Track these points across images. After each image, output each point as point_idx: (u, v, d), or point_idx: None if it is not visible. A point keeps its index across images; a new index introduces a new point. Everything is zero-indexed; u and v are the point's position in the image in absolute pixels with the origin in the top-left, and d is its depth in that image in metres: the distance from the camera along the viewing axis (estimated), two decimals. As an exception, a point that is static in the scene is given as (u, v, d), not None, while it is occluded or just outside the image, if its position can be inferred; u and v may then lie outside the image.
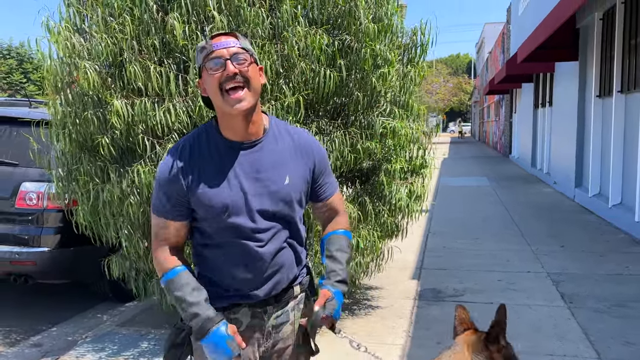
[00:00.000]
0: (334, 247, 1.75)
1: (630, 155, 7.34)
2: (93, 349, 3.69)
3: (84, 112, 3.25)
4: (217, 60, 1.51)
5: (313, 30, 3.32)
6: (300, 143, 1.69)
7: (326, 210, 1.81)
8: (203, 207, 1.58)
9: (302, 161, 1.68)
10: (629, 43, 7.43)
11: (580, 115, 9.78)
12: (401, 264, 5.53)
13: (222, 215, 1.58)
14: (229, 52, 1.51)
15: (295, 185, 1.65)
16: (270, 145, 1.63)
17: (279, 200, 1.62)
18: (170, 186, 1.58)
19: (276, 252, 1.65)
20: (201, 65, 1.56)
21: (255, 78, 1.56)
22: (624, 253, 5.91)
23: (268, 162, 1.61)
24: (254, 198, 1.59)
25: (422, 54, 4.16)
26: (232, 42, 1.53)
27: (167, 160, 1.60)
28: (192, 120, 3.24)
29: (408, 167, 4.10)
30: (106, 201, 3.42)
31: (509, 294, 4.61)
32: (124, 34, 3.12)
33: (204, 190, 1.57)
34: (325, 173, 1.76)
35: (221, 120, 1.59)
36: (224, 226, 1.59)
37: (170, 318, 4.19)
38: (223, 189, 1.57)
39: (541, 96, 14.33)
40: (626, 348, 3.46)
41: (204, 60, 1.54)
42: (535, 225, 7.60)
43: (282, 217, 1.65)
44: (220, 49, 1.51)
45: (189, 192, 1.57)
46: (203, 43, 1.56)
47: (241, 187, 1.58)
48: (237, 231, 1.60)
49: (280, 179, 1.62)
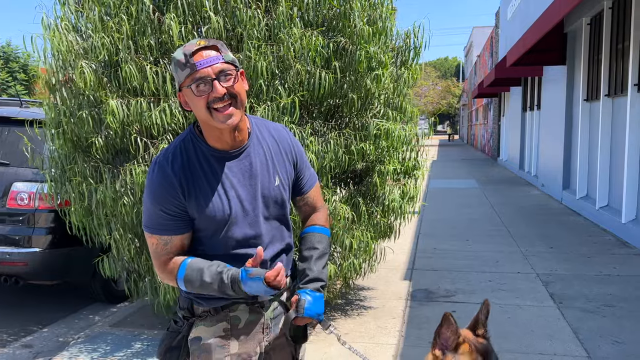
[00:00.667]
0: (305, 245, 1.73)
1: (617, 159, 7.46)
2: (85, 350, 3.68)
3: (79, 112, 3.24)
4: (203, 81, 1.44)
5: (308, 32, 3.35)
6: (280, 140, 1.69)
7: (305, 204, 1.79)
8: (203, 220, 1.56)
9: (285, 158, 1.68)
10: (616, 47, 7.56)
11: (568, 119, 9.91)
12: (393, 265, 5.57)
13: (223, 227, 1.56)
14: (214, 71, 1.44)
15: (284, 185, 1.67)
16: (256, 149, 1.62)
17: (273, 202, 1.64)
18: (167, 199, 1.52)
19: (275, 255, 1.67)
20: (181, 83, 1.47)
21: (242, 90, 1.51)
22: (612, 254, 6.00)
23: (257, 167, 1.61)
24: (251, 205, 1.60)
25: (415, 57, 4.20)
26: (215, 58, 1.45)
27: (158, 172, 1.53)
28: (187, 121, 3.25)
29: (401, 169, 4.14)
30: (99, 202, 3.41)
31: (499, 294, 4.66)
32: (120, 33, 3.12)
33: (203, 202, 1.54)
34: (305, 166, 1.76)
35: (207, 132, 1.55)
36: (224, 236, 1.58)
37: (163, 319, 4.18)
38: (222, 200, 1.55)
39: (529, 99, 14.49)
40: (615, 347, 3.53)
41: (186, 80, 1.45)
42: (523, 227, 7.69)
43: (277, 218, 1.67)
44: (204, 68, 1.43)
45: (188, 204, 1.53)
46: (181, 57, 1.45)
47: (238, 196, 1.58)
48: (238, 240, 1.60)
49: (270, 182, 1.63)
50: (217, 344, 1.63)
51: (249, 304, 1.66)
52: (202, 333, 1.64)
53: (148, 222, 1.57)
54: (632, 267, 5.45)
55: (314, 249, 1.71)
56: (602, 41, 7.98)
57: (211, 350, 1.63)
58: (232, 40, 3.40)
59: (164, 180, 1.52)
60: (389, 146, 3.87)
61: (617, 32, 7.52)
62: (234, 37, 3.38)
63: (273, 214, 1.65)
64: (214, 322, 1.65)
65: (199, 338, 1.64)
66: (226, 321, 1.65)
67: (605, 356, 3.39)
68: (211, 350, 1.63)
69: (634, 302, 4.38)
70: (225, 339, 1.64)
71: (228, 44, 3.39)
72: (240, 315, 1.66)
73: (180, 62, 1.46)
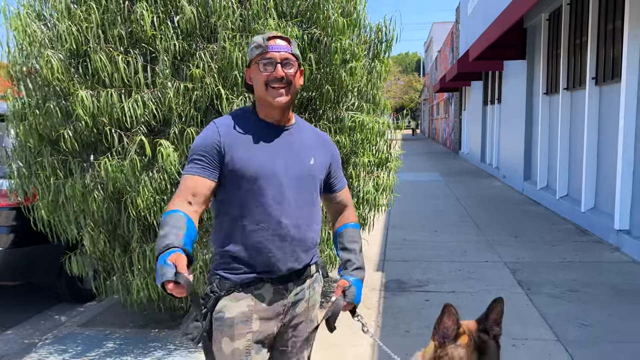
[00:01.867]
0: (346, 239, 1.92)
1: (576, 150, 7.74)
2: (55, 351, 3.55)
3: (45, 103, 3.11)
4: (270, 62, 1.70)
5: (283, 23, 3.32)
6: (322, 137, 1.92)
7: (337, 202, 1.97)
8: (237, 172, 1.69)
9: (323, 151, 1.88)
10: (574, 43, 7.82)
11: (529, 112, 10.21)
12: (365, 256, 5.60)
13: (254, 183, 1.69)
14: (281, 57, 1.71)
15: (319, 167, 1.84)
16: (298, 132, 1.84)
17: (306, 176, 1.78)
18: (207, 146, 1.69)
19: (301, 227, 1.76)
20: (252, 59, 1.74)
21: (297, 81, 1.77)
22: (574, 242, 6.23)
23: (298, 144, 1.80)
24: (285, 171, 1.73)
25: (387, 50, 4.23)
26: (285, 47, 1.73)
27: (207, 128, 1.75)
28: (161, 112, 3.17)
29: (375, 161, 4.17)
30: (68, 196, 3.29)
31: (469, 282, 4.77)
32: (89, 22, 3.01)
33: (241, 156, 1.69)
34: (339, 168, 1.96)
35: (260, 106, 1.77)
36: (254, 195, 1.70)
37: (135, 317, 4.09)
38: (259, 157, 1.71)
39: (490, 94, 14.84)
40: (582, 329, 3.67)
41: (257, 57, 1.72)
42: (488, 217, 7.89)
43: (307, 193, 1.79)
44: (273, 52, 1.70)
45: (225, 154, 1.69)
46: (259, 40, 1.73)
47: (275, 159, 1.73)
48: (267, 203, 1.70)
49: (307, 159, 1.80)
50: (241, 320, 1.71)
51: (274, 284, 1.75)
52: (226, 308, 1.71)
53: (187, 166, 1.72)
54: (593, 254, 5.68)
55: (355, 242, 1.92)
56: (560, 36, 8.25)
57: (234, 325, 1.70)
58: (205, 30, 3.33)
59: (209, 132, 1.73)
60: (364, 138, 3.89)
61: (575, 28, 7.79)
62: (207, 27, 3.32)
63: (305, 187, 1.78)
64: (239, 299, 1.72)
65: (223, 313, 1.71)
66: (251, 298, 1.73)
67: (573, 339, 3.52)
68: (234, 325, 1.70)
69: (596, 287, 4.57)
70: (249, 315, 1.71)
71: (201, 34, 3.33)
72: (265, 294, 1.74)
73: (257, 43, 1.73)
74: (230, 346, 1.70)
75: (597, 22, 6.86)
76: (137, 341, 3.66)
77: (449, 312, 1.52)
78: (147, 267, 3.27)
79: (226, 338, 1.71)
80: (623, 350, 3.32)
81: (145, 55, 3.26)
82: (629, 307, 4.07)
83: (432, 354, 1.56)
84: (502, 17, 8.44)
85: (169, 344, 3.58)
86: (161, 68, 3.12)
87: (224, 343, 1.71)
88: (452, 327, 1.53)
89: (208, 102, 3.23)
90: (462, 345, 1.51)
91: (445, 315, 1.53)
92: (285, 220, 1.72)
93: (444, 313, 1.53)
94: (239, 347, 1.70)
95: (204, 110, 3.20)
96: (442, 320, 1.54)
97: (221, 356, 1.72)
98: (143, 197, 3.04)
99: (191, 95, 3.15)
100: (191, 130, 3.10)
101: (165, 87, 3.13)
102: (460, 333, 1.53)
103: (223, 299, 1.72)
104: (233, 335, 1.70)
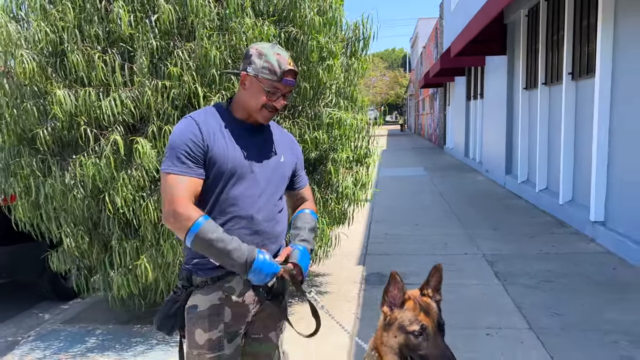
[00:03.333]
0: (299, 221, 2.01)
1: (554, 144, 7.89)
2: (37, 348, 3.58)
3: (22, 103, 3.13)
4: (276, 92, 1.79)
5: (260, 21, 3.37)
6: (289, 137, 2.05)
7: (298, 199, 2.08)
8: (216, 168, 1.75)
9: (291, 151, 2.00)
10: (552, 38, 7.96)
11: (509, 107, 10.36)
12: (347, 251, 5.69)
13: (230, 179, 1.75)
14: (287, 90, 1.82)
15: (287, 165, 1.96)
16: (268, 131, 1.94)
17: (277, 173, 1.88)
18: (191, 143, 1.73)
19: (271, 222, 1.85)
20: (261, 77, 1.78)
21: None
22: (551, 234, 6.37)
23: (269, 142, 1.91)
24: (259, 168, 1.83)
25: (364, 48, 4.29)
26: (293, 82, 1.82)
27: (185, 122, 1.79)
28: (138, 111, 3.21)
29: (353, 157, 4.24)
30: (48, 195, 3.32)
31: (448, 274, 4.84)
32: (65, 22, 3.03)
33: (221, 152, 1.76)
34: (302, 168, 2.08)
35: (241, 111, 1.85)
36: (229, 191, 1.77)
37: (117, 314, 4.12)
38: (236, 154, 1.78)
39: (473, 89, 15.00)
40: (554, 318, 3.78)
41: (268, 82, 1.78)
42: (470, 211, 8.02)
43: (277, 189, 1.89)
44: (286, 85, 1.80)
45: (208, 151, 1.75)
46: (276, 66, 1.77)
47: (249, 156, 1.81)
48: (241, 198, 1.77)
49: (278, 157, 1.92)
50: (213, 312, 1.78)
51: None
52: (198, 301, 1.79)
53: (168, 164, 1.74)
54: (569, 245, 5.82)
55: (307, 223, 1.99)
56: (539, 32, 8.38)
57: (206, 317, 1.77)
58: (184, 29, 3.37)
59: (190, 128, 1.76)
60: (342, 135, 3.95)
61: (553, 24, 7.92)
62: (184, 26, 3.35)
63: (276, 184, 1.88)
64: (210, 292, 1.79)
65: (195, 306, 1.79)
66: (222, 291, 1.80)
67: (545, 327, 3.63)
68: (206, 317, 1.77)
69: (570, 277, 4.70)
70: (220, 307, 1.79)
71: (179, 33, 3.37)
72: (235, 286, 1.81)
73: (273, 68, 1.78)
74: (204, 337, 1.78)
75: (573, 19, 6.99)
76: (119, 337, 3.70)
77: (395, 281, 1.65)
78: (127, 263, 3.31)
79: (199, 330, 1.78)
80: (592, 338, 3.44)
81: (123, 54, 3.29)
82: (601, 296, 4.20)
83: (383, 323, 1.68)
84: (481, 13, 8.56)
85: (150, 339, 3.62)
86: (139, 67, 3.16)
87: (197, 334, 1.78)
88: (398, 295, 1.66)
89: (186, 100, 3.27)
90: (408, 309, 1.64)
91: (392, 285, 1.66)
92: (257, 215, 1.80)
93: (390, 282, 1.65)
94: (212, 337, 1.78)
95: (181, 107, 3.25)
96: (388, 289, 1.67)
97: (195, 347, 1.79)
98: (122, 195, 3.08)
99: (169, 93, 3.19)
100: (169, 128, 3.14)
101: (143, 85, 3.16)
102: (406, 299, 1.66)
103: (195, 292, 1.80)
104: (205, 327, 1.77)
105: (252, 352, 1.97)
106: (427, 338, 1.61)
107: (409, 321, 1.63)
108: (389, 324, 1.67)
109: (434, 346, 1.59)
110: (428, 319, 1.63)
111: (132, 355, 3.40)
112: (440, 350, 1.59)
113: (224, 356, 1.80)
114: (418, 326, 1.61)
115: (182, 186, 1.71)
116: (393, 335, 1.65)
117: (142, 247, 3.34)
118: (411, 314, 1.64)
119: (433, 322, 1.64)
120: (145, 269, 3.21)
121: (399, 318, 1.65)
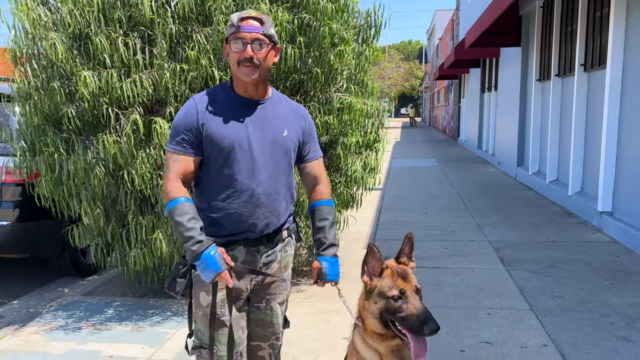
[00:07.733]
0: (317, 217, 2.05)
1: (565, 136, 7.92)
2: (59, 317, 3.79)
3: (49, 84, 3.30)
4: (239, 42, 1.81)
5: (274, 7, 3.50)
6: (296, 108, 2.05)
7: (308, 172, 2.08)
8: (213, 145, 1.84)
9: (297, 122, 2.01)
10: (566, 30, 7.97)
11: (522, 99, 10.37)
12: (356, 236, 5.84)
13: (229, 154, 1.85)
14: (251, 37, 1.81)
15: (291, 138, 1.98)
16: (273, 106, 1.97)
17: (279, 147, 1.93)
18: (187, 124, 1.85)
19: (272, 196, 1.93)
20: (227, 36, 1.85)
21: (268, 60, 1.87)
22: (558, 224, 6.45)
23: (271, 117, 1.95)
24: (258, 143, 1.88)
25: (375, 35, 4.40)
26: (256, 28, 1.81)
27: (186, 105, 1.90)
28: (157, 92, 3.37)
29: (363, 142, 4.36)
30: (70, 172, 3.49)
31: (454, 259, 4.99)
32: (90, 6, 3.19)
33: (217, 129, 1.84)
34: (312, 138, 2.07)
35: (236, 81, 1.91)
36: (229, 166, 1.85)
37: (134, 287, 4.32)
38: (233, 130, 1.86)
39: (487, 81, 14.97)
40: (554, 300, 3.89)
41: (231, 36, 1.83)
42: (479, 201, 8.10)
43: (280, 164, 1.94)
44: (244, 32, 1.80)
45: (203, 130, 1.84)
46: (234, 20, 1.83)
47: (248, 131, 1.87)
48: (241, 173, 1.87)
49: (280, 131, 1.94)
50: None
51: (246, 246, 1.94)
52: None
53: (169, 141, 1.89)
54: (575, 234, 5.90)
55: (325, 219, 2.03)
56: (553, 24, 8.38)
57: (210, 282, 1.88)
58: (201, 15, 3.51)
59: (188, 110, 1.88)
60: (352, 119, 4.08)
61: (567, 16, 7.92)
62: (202, 12, 3.50)
63: (277, 158, 1.92)
64: None
65: None
66: None
67: (546, 308, 3.74)
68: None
69: (574, 264, 4.79)
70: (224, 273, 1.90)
71: (196, 18, 3.51)
72: (238, 254, 1.93)
73: (232, 22, 1.83)
74: (207, 299, 1.92)
75: (587, 10, 7.00)
76: (136, 308, 3.90)
77: (373, 252, 1.81)
78: (143, 238, 3.48)
79: (203, 292, 1.93)
80: (589, 319, 3.54)
81: (144, 37, 3.44)
82: (602, 282, 4.29)
83: (364, 291, 1.82)
84: (494, 4, 8.57)
85: (166, 311, 3.81)
86: (158, 50, 3.31)
87: (201, 297, 1.93)
88: (376, 265, 1.81)
89: (202, 83, 3.42)
90: (387, 277, 1.78)
91: (370, 256, 1.81)
92: (258, 190, 1.88)
93: (368, 254, 1.80)
94: (216, 300, 1.92)
95: (198, 90, 3.39)
96: (367, 260, 1.82)
97: (200, 308, 1.95)
98: (140, 172, 3.25)
99: (186, 76, 3.34)
100: (186, 109, 3.29)
101: (162, 68, 3.32)
102: (384, 268, 1.80)
103: None
104: (209, 290, 1.91)
105: (254, 319, 2.08)
106: (407, 301, 1.72)
107: (388, 287, 1.74)
108: (370, 292, 1.80)
109: (414, 307, 1.71)
110: (406, 284, 1.75)
111: (148, 324, 3.59)
112: (419, 310, 1.70)
113: (226, 318, 1.93)
114: (397, 291, 1.73)
115: (175, 164, 1.85)
116: (374, 301, 1.77)
117: (157, 222, 3.51)
118: (390, 281, 1.76)
119: (411, 286, 1.76)
120: (160, 243, 3.38)
121: (378, 286, 1.77)
